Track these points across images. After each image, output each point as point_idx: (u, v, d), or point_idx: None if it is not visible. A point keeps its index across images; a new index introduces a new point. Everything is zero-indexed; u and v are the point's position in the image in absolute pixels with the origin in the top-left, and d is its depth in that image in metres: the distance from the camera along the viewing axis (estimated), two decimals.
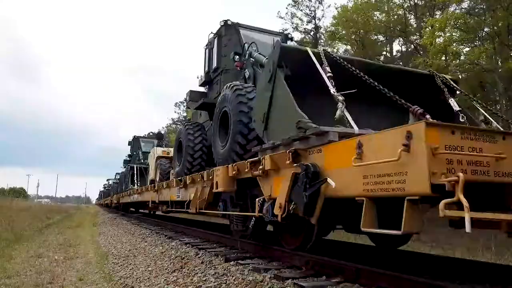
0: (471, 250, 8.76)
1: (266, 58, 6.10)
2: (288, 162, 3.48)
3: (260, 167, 4.03)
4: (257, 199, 4.20)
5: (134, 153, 20.82)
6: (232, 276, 3.76)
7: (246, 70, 6.28)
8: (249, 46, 6.52)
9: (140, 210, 20.71)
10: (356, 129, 3.13)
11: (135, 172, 17.08)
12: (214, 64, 8.02)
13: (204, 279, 3.84)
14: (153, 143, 20.19)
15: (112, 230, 11.33)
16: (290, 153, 3.48)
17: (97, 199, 62.61)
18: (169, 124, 60.49)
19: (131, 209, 20.42)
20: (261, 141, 4.65)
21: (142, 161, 18.50)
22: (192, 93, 8.86)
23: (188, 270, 4.38)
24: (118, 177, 27.25)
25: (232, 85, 5.53)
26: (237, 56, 6.54)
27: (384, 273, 3.10)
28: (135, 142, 21.66)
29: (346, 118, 3.28)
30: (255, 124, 4.62)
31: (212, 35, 8.18)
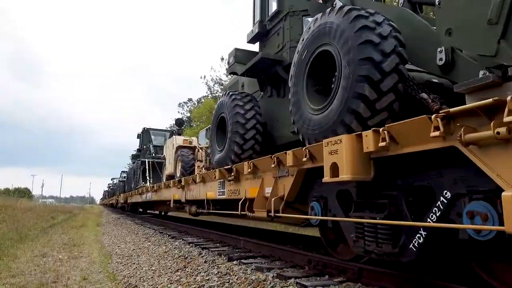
0: None
1: None
2: None
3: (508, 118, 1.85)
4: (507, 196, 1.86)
5: (144, 146, 19.04)
6: (235, 275, 3.78)
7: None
8: None
9: (148, 211, 19.71)
10: None
11: (147, 167, 15.34)
12: (273, 7, 5.95)
13: (207, 278, 3.86)
14: (164, 135, 18.63)
15: (116, 230, 11.37)
16: None
17: (101, 199, 62.73)
18: (172, 125, 60.59)
19: (140, 209, 19.26)
20: (400, 96, 3.04)
21: (153, 155, 17.12)
22: (238, 52, 6.55)
23: (191, 269, 4.40)
24: (125, 175, 26.24)
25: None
26: None
27: (386, 272, 3.10)
28: (145, 135, 19.59)
29: None
30: (453, 39, 2.59)
31: None
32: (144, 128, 19.80)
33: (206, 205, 6.75)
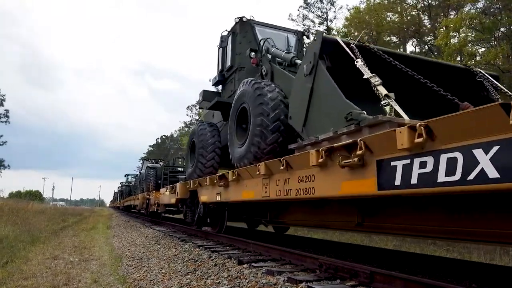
0: (488, 254, 8.59)
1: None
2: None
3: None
4: None
5: (261, 54, 6.43)
6: (246, 279, 3.75)
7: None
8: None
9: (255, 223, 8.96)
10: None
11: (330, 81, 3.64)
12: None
13: (217, 281, 3.84)
14: (287, 38, 7.56)
15: (126, 233, 11.43)
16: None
17: (111, 201, 61.76)
18: (181, 127, 60.92)
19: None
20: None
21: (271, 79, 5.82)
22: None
23: (201, 272, 4.39)
24: (142, 170, 19.92)
25: None
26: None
27: (399, 276, 3.05)
28: (243, 35, 7.46)
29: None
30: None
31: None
32: (240, 18, 7.58)
33: None
